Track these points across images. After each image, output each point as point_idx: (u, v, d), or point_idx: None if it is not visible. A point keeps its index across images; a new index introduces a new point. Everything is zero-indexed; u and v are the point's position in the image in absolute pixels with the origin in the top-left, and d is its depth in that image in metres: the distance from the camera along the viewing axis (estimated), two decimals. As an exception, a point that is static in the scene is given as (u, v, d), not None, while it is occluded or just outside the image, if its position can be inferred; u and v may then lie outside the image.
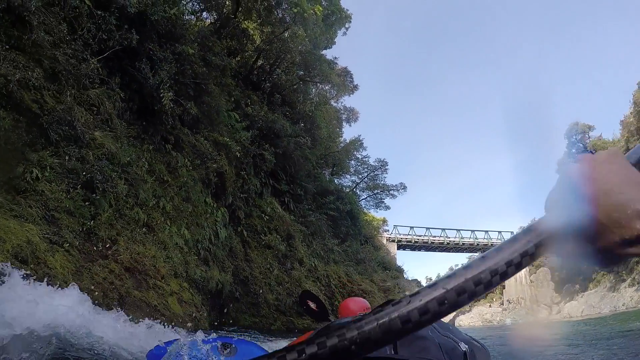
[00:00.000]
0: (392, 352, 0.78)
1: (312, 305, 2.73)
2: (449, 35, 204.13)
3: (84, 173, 6.44)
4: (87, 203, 6.37)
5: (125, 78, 9.14)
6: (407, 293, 0.37)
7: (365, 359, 0.41)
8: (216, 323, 10.95)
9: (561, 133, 42.94)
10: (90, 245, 6.22)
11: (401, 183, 31.25)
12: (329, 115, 21.86)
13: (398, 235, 37.63)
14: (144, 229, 8.02)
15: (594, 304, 34.12)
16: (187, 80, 10.96)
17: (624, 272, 32.14)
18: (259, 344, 2.96)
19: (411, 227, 38.77)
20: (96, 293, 5.32)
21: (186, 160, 10.69)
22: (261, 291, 12.85)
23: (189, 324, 7.06)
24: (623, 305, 30.28)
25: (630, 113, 32.33)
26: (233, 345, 2.05)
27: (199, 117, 12.10)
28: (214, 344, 2.01)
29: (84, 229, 6.18)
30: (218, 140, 12.24)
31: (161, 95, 9.60)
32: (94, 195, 6.57)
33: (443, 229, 39.66)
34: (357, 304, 2.30)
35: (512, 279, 41.14)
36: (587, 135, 41.05)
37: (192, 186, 10.44)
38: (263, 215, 14.46)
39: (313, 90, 20.44)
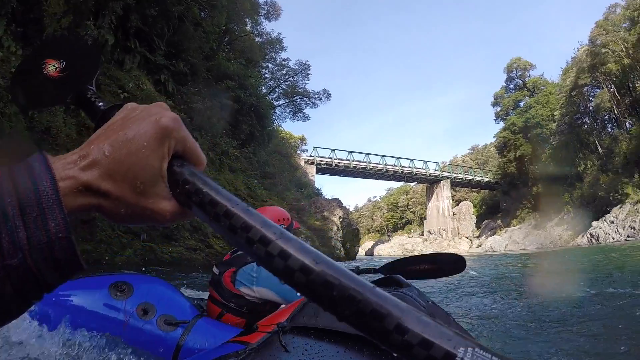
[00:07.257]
0: None
1: None
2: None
3: None
4: None
5: None
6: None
7: None
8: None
9: (501, 67, 42.75)
10: None
11: (325, 90, 27.33)
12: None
13: (318, 158, 34.16)
14: None
15: (518, 240, 35.47)
16: None
17: (551, 210, 33.44)
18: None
19: (332, 150, 35.55)
20: None
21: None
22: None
23: None
24: (550, 243, 31.30)
25: (583, 51, 31.75)
26: (129, 284, 1.66)
27: None
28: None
29: None
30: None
31: None
32: None
33: (366, 154, 37.03)
34: (273, 213, 1.96)
35: (434, 210, 41.95)
36: (527, 73, 40.86)
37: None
38: (120, 92, 9.72)
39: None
